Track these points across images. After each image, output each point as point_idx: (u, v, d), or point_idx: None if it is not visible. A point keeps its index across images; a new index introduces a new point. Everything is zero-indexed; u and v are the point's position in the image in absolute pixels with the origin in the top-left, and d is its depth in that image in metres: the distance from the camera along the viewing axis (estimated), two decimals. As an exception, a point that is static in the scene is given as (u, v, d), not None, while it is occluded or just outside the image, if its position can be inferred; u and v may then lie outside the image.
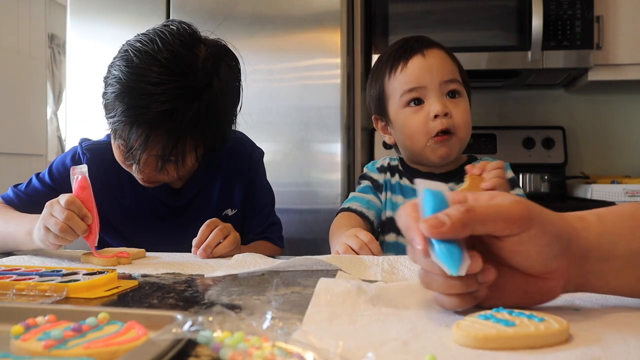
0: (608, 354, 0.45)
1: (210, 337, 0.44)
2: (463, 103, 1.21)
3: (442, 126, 1.17)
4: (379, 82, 1.28)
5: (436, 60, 1.21)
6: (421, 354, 0.45)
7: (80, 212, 0.96)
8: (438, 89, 1.19)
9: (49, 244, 0.99)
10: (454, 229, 0.51)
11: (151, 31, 1.10)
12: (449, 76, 1.20)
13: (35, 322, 0.50)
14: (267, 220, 1.36)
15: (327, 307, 0.58)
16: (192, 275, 0.85)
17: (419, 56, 1.21)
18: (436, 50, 1.23)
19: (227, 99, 1.12)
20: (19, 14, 3.43)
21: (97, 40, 2.06)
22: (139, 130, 1.05)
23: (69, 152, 1.31)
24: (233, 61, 1.17)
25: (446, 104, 1.18)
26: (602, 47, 2.21)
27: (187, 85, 1.04)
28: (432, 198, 0.55)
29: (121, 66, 1.06)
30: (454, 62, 1.24)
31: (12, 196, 1.25)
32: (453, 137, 1.18)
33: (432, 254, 0.52)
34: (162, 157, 1.07)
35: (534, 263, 0.54)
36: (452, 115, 1.17)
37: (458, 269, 0.51)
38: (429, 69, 1.20)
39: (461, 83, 1.22)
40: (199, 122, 1.06)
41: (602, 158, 2.59)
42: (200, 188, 1.27)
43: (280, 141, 1.99)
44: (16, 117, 3.38)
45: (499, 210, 0.52)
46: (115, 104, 1.06)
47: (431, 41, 1.26)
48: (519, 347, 0.46)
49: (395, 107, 1.23)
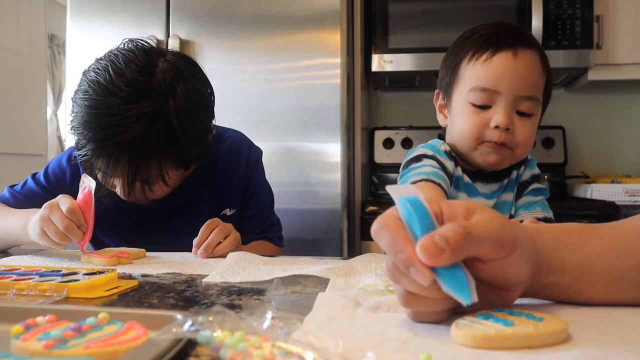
0: (606, 354, 0.45)
1: (210, 336, 0.44)
2: (531, 121, 1.07)
3: (499, 140, 1.05)
4: (457, 58, 1.11)
5: (525, 66, 1.05)
6: (420, 353, 0.45)
7: (78, 222, 1.00)
8: (512, 100, 1.05)
9: (44, 244, 1.03)
10: (454, 255, 0.48)
11: (106, 56, 1.10)
12: (529, 92, 1.05)
13: (35, 322, 0.50)
14: (267, 220, 1.36)
15: (326, 314, 0.58)
16: (192, 275, 0.85)
17: (509, 54, 1.05)
18: (531, 53, 1.06)
19: (186, 116, 1.08)
20: (19, 14, 3.43)
21: (97, 40, 2.06)
22: (101, 160, 1.06)
23: (65, 152, 1.31)
24: (196, 74, 1.14)
25: (512, 118, 1.05)
26: (602, 46, 2.21)
27: (142, 112, 1.03)
28: (415, 210, 0.52)
29: (78, 100, 1.07)
30: (543, 70, 1.08)
31: (7, 196, 1.26)
32: (508, 150, 1.07)
33: (438, 281, 0.49)
34: (128, 182, 1.07)
35: (510, 281, 0.54)
36: (515, 132, 1.06)
37: (469, 296, 0.48)
38: (512, 74, 1.04)
39: (539, 100, 1.07)
40: (159, 143, 1.05)
41: (602, 158, 2.60)
42: (197, 188, 1.27)
43: (280, 141, 1.99)
44: (16, 117, 3.38)
45: (491, 235, 0.51)
46: (80, 137, 1.08)
47: (530, 38, 1.09)
48: (517, 346, 0.46)
49: (462, 95, 1.09)
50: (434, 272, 0.49)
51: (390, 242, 0.51)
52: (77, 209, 0.99)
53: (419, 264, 0.49)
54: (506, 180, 1.15)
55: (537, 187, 1.17)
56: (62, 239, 0.99)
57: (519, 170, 1.17)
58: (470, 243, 0.49)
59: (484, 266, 0.52)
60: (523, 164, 1.18)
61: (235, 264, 0.91)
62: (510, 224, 0.53)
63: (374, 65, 2.25)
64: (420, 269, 0.49)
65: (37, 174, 1.29)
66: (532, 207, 1.15)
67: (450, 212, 0.54)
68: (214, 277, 0.82)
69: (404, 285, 0.52)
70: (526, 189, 1.16)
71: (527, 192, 1.17)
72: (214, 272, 0.85)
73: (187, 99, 1.08)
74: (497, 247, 0.51)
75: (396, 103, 2.71)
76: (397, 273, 0.51)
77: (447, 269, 0.49)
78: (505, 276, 0.54)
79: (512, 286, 0.55)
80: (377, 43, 2.25)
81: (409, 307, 0.54)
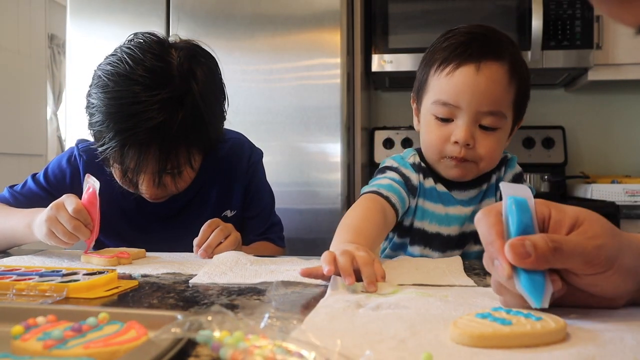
0: (604, 353, 0.45)
1: (210, 336, 0.45)
2: (495, 135, 1.04)
3: (459, 155, 1.03)
4: (427, 66, 1.09)
5: (487, 81, 1.01)
6: (418, 351, 0.45)
7: (85, 221, 1.01)
8: (473, 115, 1.02)
9: (51, 244, 1.03)
10: (537, 263, 0.52)
11: (119, 51, 1.10)
12: (491, 107, 1.02)
13: (35, 322, 0.50)
14: (268, 220, 1.36)
15: (326, 314, 0.59)
16: (192, 276, 0.85)
17: (472, 68, 1.02)
18: (496, 66, 1.02)
19: (209, 99, 1.11)
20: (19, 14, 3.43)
21: (97, 40, 2.06)
22: (131, 152, 1.06)
23: (65, 153, 1.31)
24: (208, 58, 1.17)
25: (474, 134, 1.03)
26: (602, 46, 2.21)
27: (167, 97, 1.04)
28: (517, 210, 0.55)
29: (98, 93, 1.07)
30: (511, 82, 1.03)
31: (7, 196, 1.26)
32: (472, 164, 1.06)
33: (515, 279, 0.53)
34: (159, 172, 1.08)
35: (606, 294, 0.56)
36: (476, 147, 1.03)
37: (541, 301, 0.52)
38: (473, 89, 1.01)
39: (503, 114, 1.03)
40: (187, 128, 1.06)
41: (602, 158, 2.59)
42: (198, 189, 1.27)
43: (280, 141, 1.99)
44: (16, 117, 3.38)
45: (583, 253, 0.53)
46: (102, 132, 1.07)
47: (500, 48, 1.04)
48: (515, 345, 0.47)
49: (427, 105, 1.08)
50: (514, 270, 0.53)
51: (485, 233, 0.57)
52: (83, 209, 1.00)
53: (502, 259, 0.53)
54: (485, 185, 1.12)
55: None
56: (70, 239, 1.00)
57: (499, 172, 1.13)
58: (556, 258, 0.52)
59: (577, 279, 0.55)
60: (503, 165, 1.13)
61: (221, 264, 0.90)
62: (613, 241, 0.54)
63: (374, 65, 2.25)
64: (503, 263, 0.53)
65: (37, 174, 1.29)
66: None
67: (558, 219, 0.56)
68: (201, 278, 0.81)
69: (492, 273, 0.57)
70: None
71: None
72: (200, 273, 0.84)
73: (207, 81, 1.11)
74: (586, 266, 0.53)
75: (396, 103, 2.71)
76: (489, 261, 0.57)
77: (527, 270, 0.53)
78: (601, 289, 0.56)
79: (610, 299, 0.57)
80: (377, 43, 2.25)
81: (498, 294, 0.59)
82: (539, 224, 0.56)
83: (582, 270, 0.54)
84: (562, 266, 0.54)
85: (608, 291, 0.56)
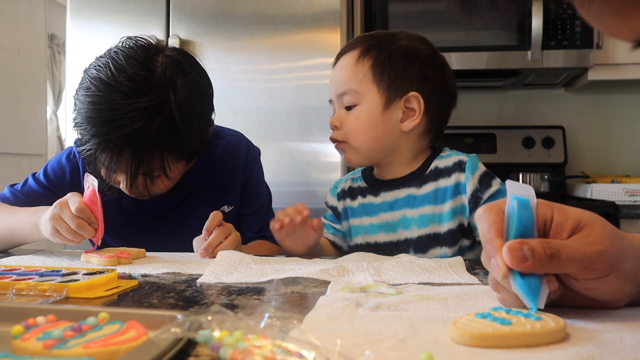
0: (603, 353, 0.45)
1: (209, 336, 0.45)
2: (355, 111, 1.13)
3: (331, 137, 1.17)
4: None
5: (338, 70, 1.16)
6: (418, 351, 0.45)
7: (89, 219, 1.02)
8: (336, 101, 1.16)
9: (57, 241, 1.06)
10: (534, 268, 0.52)
11: (107, 54, 1.12)
12: (342, 88, 1.14)
13: (35, 322, 0.50)
14: (265, 218, 1.36)
15: (326, 313, 0.59)
16: (192, 275, 0.85)
17: (337, 63, 1.18)
18: (348, 55, 1.15)
19: (188, 109, 1.10)
20: (19, 14, 3.43)
21: (97, 40, 2.06)
22: (104, 155, 1.08)
23: (65, 151, 1.32)
24: (195, 68, 1.16)
25: (340, 116, 1.15)
26: (601, 46, 2.21)
27: (145, 105, 1.05)
28: (519, 210, 0.55)
29: (81, 96, 1.09)
30: (360, 58, 1.13)
31: (8, 195, 1.26)
32: (346, 144, 1.15)
33: (511, 279, 0.54)
34: (131, 176, 1.09)
35: (605, 297, 0.56)
36: (343, 127, 1.14)
37: (537, 302, 0.52)
38: (331, 81, 1.18)
39: (355, 91, 1.12)
40: (162, 136, 1.07)
41: (602, 157, 2.59)
42: (196, 185, 1.28)
43: (279, 141, 1.99)
44: (16, 117, 3.38)
45: (583, 259, 0.53)
46: (83, 133, 1.10)
47: (354, 42, 1.18)
48: (515, 345, 0.47)
49: None
50: (510, 270, 0.53)
51: (485, 230, 0.57)
52: (85, 208, 1.02)
53: (499, 258, 0.54)
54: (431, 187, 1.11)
55: (492, 192, 1.07)
56: (75, 237, 1.02)
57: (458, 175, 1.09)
58: (553, 265, 0.52)
59: (576, 282, 0.55)
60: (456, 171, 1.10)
61: (226, 262, 0.91)
62: (614, 247, 0.54)
63: (373, 65, 2.25)
64: (499, 263, 0.54)
65: (37, 173, 1.29)
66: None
67: (560, 222, 0.56)
68: (208, 278, 0.82)
69: (489, 269, 0.57)
70: (480, 200, 1.07)
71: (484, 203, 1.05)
72: (206, 272, 0.85)
73: (187, 92, 1.11)
74: (585, 271, 0.53)
75: (396, 103, 2.70)
76: (486, 259, 0.57)
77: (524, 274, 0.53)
78: (599, 293, 0.55)
79: (609, 302, 0.57)
80: (377, 43, 2.25)
81: (495, 291, 0.59)
82: (541, 226, 0.56)
83: (581, 275, 0.54)
84: (560, 272, 0.54)
85: (606, 295, 0.56)
